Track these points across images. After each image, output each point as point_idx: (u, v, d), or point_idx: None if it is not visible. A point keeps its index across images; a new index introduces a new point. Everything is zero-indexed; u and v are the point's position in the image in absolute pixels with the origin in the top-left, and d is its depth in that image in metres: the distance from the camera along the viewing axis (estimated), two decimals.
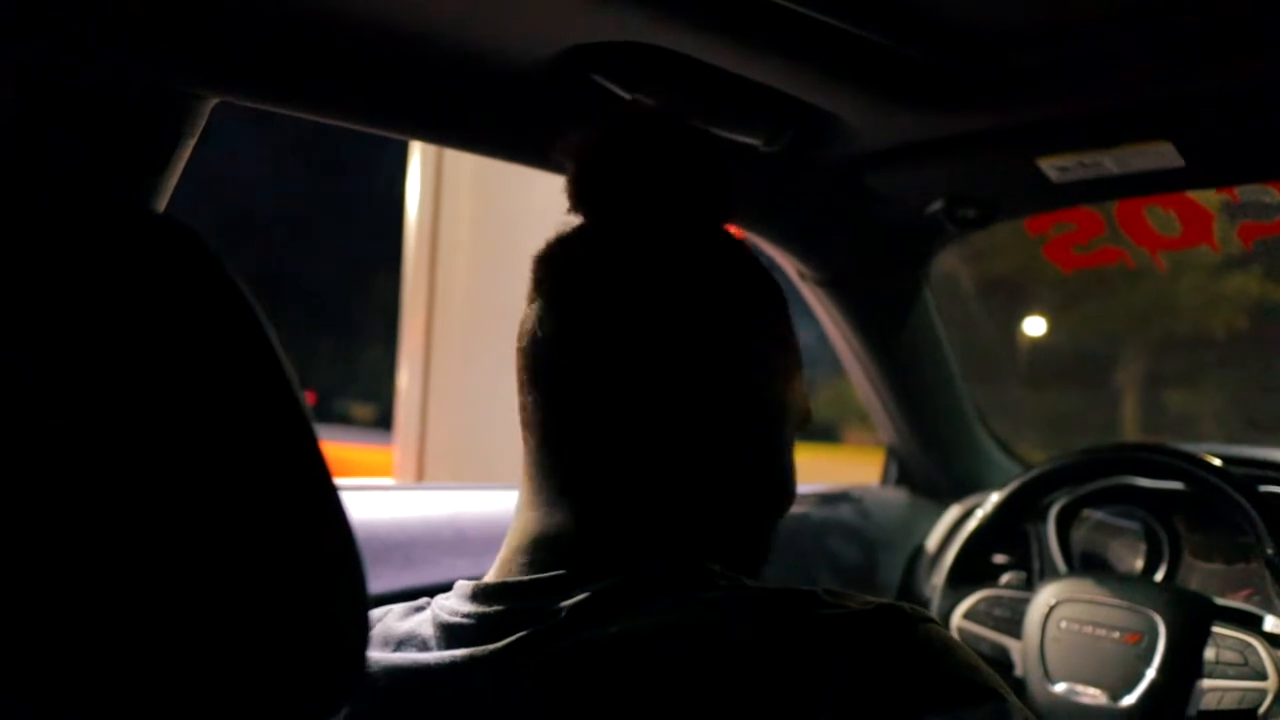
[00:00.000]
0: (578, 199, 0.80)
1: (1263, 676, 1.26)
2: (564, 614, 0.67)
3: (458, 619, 0.71)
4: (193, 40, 0.94)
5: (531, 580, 0.71)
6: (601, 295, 0.74)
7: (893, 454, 2.14)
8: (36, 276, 0.40)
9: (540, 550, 0.74)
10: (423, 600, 0.77)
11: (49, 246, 0.40)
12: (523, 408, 0.77)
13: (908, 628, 0.65)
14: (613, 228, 0.77)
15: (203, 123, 1.00)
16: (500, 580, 0.73)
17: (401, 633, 0.74)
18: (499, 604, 0.70)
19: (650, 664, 0.64)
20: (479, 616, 0.70)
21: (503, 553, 0.76)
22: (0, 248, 0.39)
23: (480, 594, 0.72)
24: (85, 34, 0.89)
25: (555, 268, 0.77)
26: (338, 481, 0.47)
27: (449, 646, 0.70)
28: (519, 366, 0.77)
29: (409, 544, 1.30)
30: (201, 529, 0.41)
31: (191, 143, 0.99)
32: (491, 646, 0.67)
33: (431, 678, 0.69)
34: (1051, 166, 1.35)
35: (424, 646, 0.72)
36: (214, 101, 0.99)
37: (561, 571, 0.71)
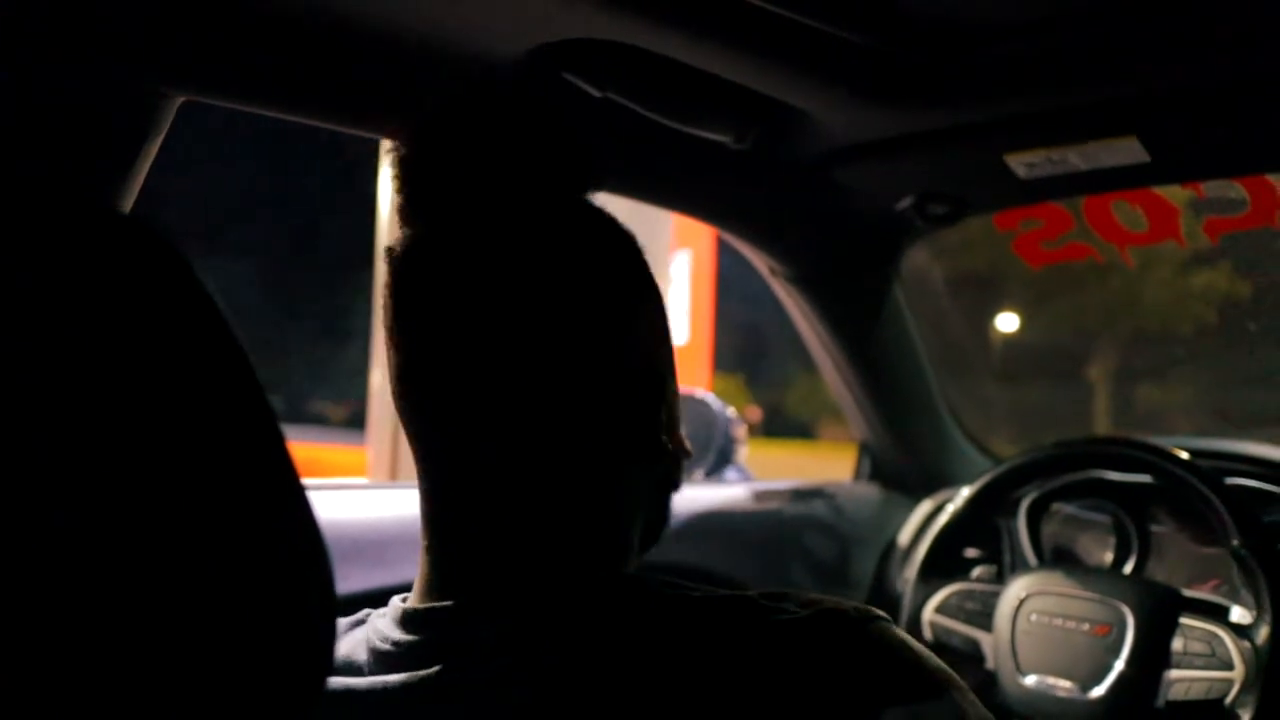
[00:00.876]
0: (406, 213, 0.73)
1: (1229, 666, 1.27)
2: (489, 641, 0.66)
3: (387, 646, 0.69)
4: (158, 38, 0.93)
5: (453, 606, 0.68)
6: (436, 310, 0.69)
7: (865, 449, 2.15)
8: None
9: (454, 569, 0.71)
10: (364, 613, 0.75)
11: (10, 246, 0.40)
12: (396, 399, 0.73)
13: (851, 629, 0.64)
14: (444, 235, 0.71)
15: (169, 121, 0.99)
16: (425, 605, 0.70)
17: (340, 656, 0.71)
18: (423, 632, 0.68)
19: (585, 686, 0.63)
20: (405, 645, 0.68)
21: (423, 568, 0.72)
22: None
23: (407, 620, 0.69)
24: (49, 33, 0.88)
25: (396, 286, 0.71)
26: (307, 481, 0.47)
27: (381, 673, 0.68)
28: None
29: (383, 543, 1.30)
30: (164, 530, 0.40)
31: (158, 141, 0.99)
32: (418, 675, 0.66)
33: (363, 705, 0.67)
34: (1019, 162, 1.36)
35: (359, 672, 0.69)
36: (180, 100, 0.99)
37: (481, 593, 0.69)
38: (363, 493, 1.48)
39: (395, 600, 0.73)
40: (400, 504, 1.39)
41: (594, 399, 0.70)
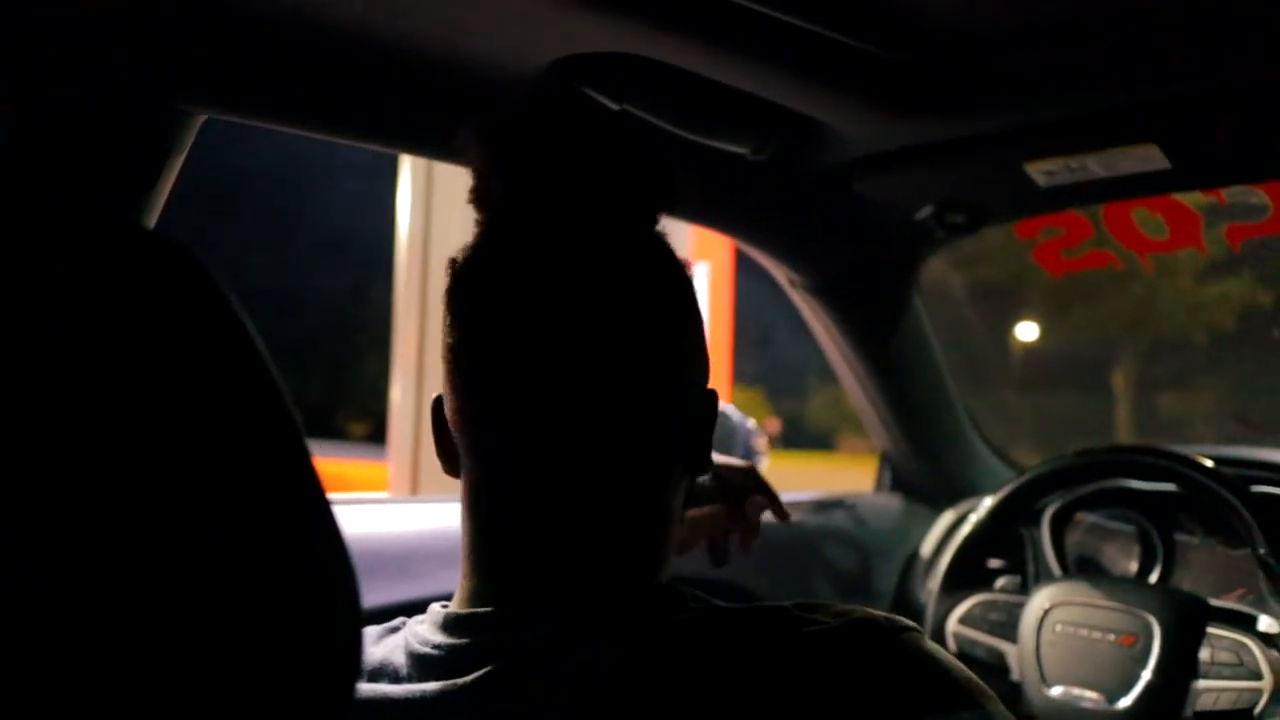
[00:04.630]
0: (477, 199, 0.74)
1: (1258, 676, 1.26)
2: (535, 645, 0.66)
3: (429, 649, 0.69)
4: (181, 56, 0.94)
5: (499, 610, 0.69)
6: (497, 306, 0.70)
7: (886, 460, 2.14)
8: (26, 292, 0.40)
9: (503, 575, 0.71)
10: (398, 621, 0.76)
11: (38, 262, 0.41)
12: (453, 412, 0.74)
13: (884, 639, 0.65)
14: (512, 233, 0.72)
15: (191, 139, 1.00)
16: (469, 610, 0.70)
17: (375, 661, 0.71)
18: (468, 635, 0.68)
19: (626, 693, 0.64)
20: (449, 648, 0.68)
21: (467, 576, 0.73)
22: None
23: (451, 624, 0.70)
24: (74, 51, 0.89)
25: (459, 279, 0.72)
26: (332, 496, 0.47)
27: (421, 678, 0.68)
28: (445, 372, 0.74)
29: (405, 556, 1.30)
30: (193, 544, 0.41)
31: (180, 159, 0.99)
32: (462, 680, 0.66)
33: (404, 711, 0.67)
34: (1039, 171, 1.36)
35: (396, 677, 0.70)
36: (202, 117, 0.99)
37: (529, 600, 0.69)
38: (384, 507, 1.49)
39: (435, 606, 0.73)
40: (422, 518, 1.39)
41: (660, 415, 0.72)
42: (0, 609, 0.37)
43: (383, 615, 0.79)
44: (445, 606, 0.73)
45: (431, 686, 0.67)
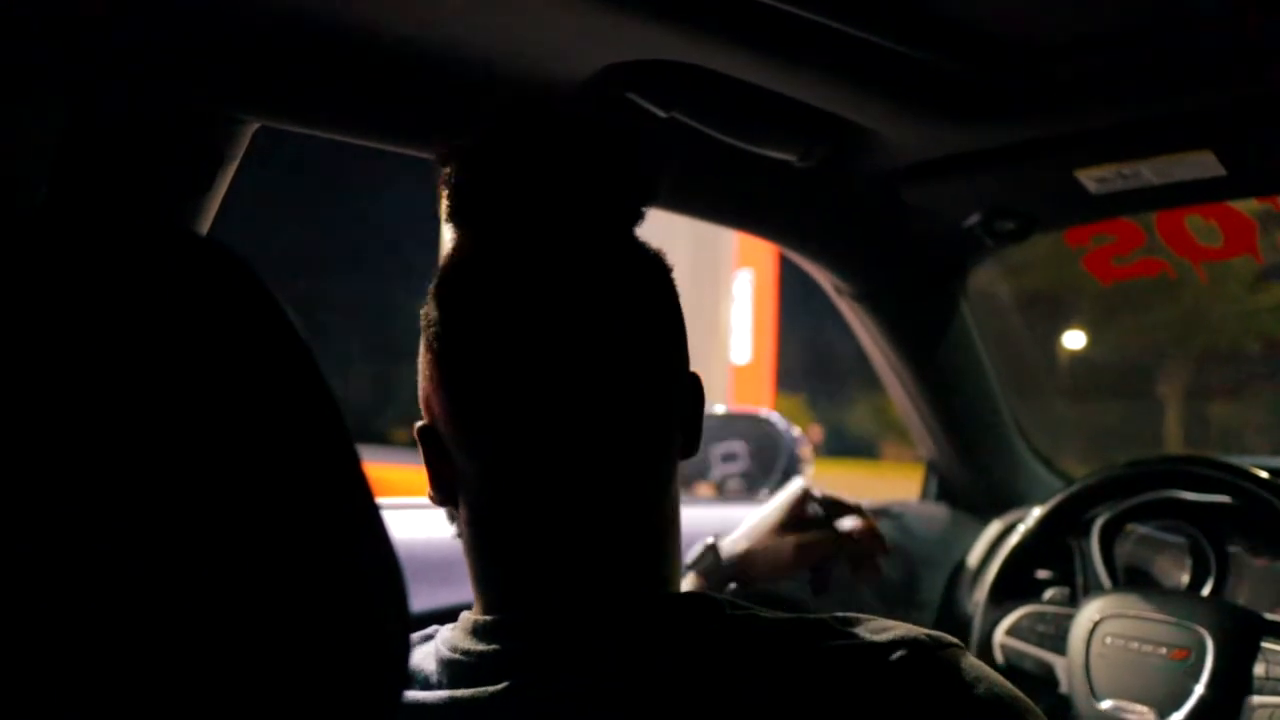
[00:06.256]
0: (451, 214, 0.74)
1: None
2: (566, 652, 0.66)
3: (459, 656, 0.69)
4: (234, 65, 0.95)
5: (529, 618, 0.69)
6: (496, 321, 0.69)
7: (932, 469, 2.12)
8: (82, 298, 0.40)
9: (530, 581, 0.71)
10: (432, 629, 0.75)
11: (94, 268, 0.41)
12: (451, 430, 0.73)
13: (926, 656, 0.64)
14: (489, 247, 0.71)
15: (244, 146, 1.01)
16: (498, 616, 0.70)
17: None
18: (499, 642, 0.68)
19: (660, 705, 0.63)
20: (479, 655, 0.68)
21: (489, 586, 0.73)
22: (49, 272, 0.40)
23: (480, 630, 0.69)
24: (128, 60, 0.90)
25: (447, 296, 0.72)
26: (379, 500, 0.47)
27: (451, 685, 0.68)
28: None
29: (449, 561, 1.30)
30: (244, 547, 0.41)
31: (233, 166, 1.01)
32: (492, 688, 0.65)
33: (434, 717, 0.67)
34: (1090, 178, 1.34)
35: (426, 684, 0.70)
36: (255, 125, 1.01)
37: (557, 605, 0.69)
38: (428, 512, 1.49)
39: (465, 614, 0.73)
40: None
41: (663, 410, 0.72)
42: (54, 606, 0.37)
43: (426, 619, 0.80)
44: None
45: (462, 693, 0.67)
